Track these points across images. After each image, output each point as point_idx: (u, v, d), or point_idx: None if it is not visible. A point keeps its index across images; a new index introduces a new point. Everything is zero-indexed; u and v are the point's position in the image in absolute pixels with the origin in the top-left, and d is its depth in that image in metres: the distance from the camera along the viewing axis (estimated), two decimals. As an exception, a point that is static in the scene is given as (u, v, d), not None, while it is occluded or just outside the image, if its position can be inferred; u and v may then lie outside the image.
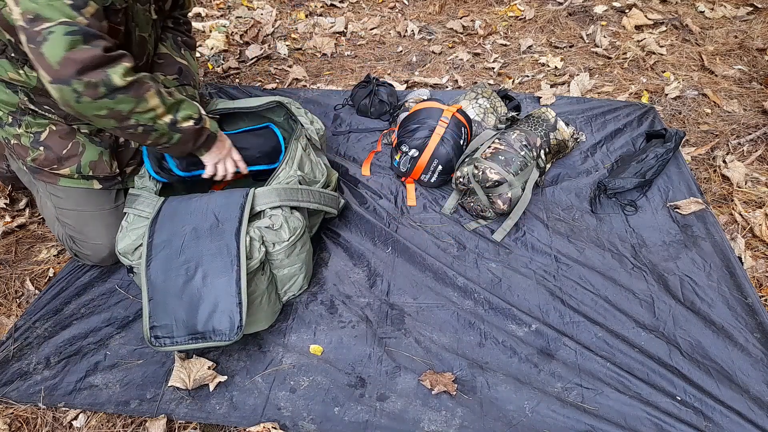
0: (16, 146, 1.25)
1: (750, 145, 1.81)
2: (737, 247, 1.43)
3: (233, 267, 1.06)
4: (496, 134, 1.56)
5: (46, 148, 1.24)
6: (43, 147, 1.23)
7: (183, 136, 1.13)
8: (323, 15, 2.80)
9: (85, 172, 1.27)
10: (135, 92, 1.01)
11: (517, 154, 1.46)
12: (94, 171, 1.29)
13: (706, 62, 2.25)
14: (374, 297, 1.33)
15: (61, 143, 1.25)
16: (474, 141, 1.59)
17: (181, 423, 1.09)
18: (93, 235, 1.33)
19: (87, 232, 1.33)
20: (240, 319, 1.04)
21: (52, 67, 0.93)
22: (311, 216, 1.39)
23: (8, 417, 1.10)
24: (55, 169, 1.25)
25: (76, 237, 1.34)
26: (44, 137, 1.23)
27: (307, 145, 1.39)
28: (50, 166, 1.25)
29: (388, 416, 1.08)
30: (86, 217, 1.32)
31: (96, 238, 1.33)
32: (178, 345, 1.04)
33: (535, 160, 1.49)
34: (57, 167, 1.25)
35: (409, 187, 1.66)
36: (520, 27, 2.64)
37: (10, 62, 1.14)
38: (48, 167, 1.25)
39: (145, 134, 1.08)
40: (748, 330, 1.22)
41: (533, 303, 1.30)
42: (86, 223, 1.32)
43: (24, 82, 1.17)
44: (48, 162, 1.25)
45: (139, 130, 1.06)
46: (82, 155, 1.27)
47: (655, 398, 1.09)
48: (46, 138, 1.23)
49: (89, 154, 1.27)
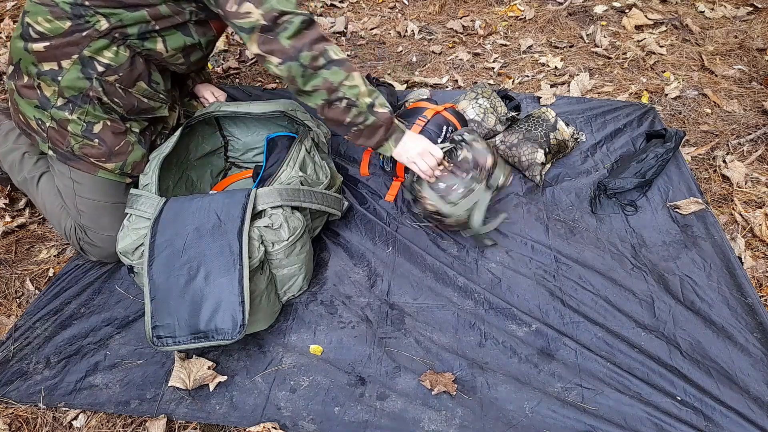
0: (51, 130, 1.25)
1: (750, 145, 1.81)
2: (737, 247, 1.43)
3: (235, 266, 1.06)
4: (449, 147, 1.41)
5: (100, 141, 1.27)
6: (97, 140, 1.27)
7: (377, 120, 1.25)
8: (323, 15, 2.80)
9: (126, 170, 1.32)
10: (346, 67, 1.18)
11: (461, 180, 1.34)
12: (134, 170, 1.33)
13: (706, 62, 2.26)
14: (374, 297, 1.33)
15: (114, 139, 1.28)
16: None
17: (181, 423, 1.09)
18: (107, 226, 1.34)
19: (102, 222, 1.33)
20: (242, 318, 1.04)
21: (286, 48, 1.12)
22: (314, 218, 1.39)
23: (8, 417, 1.10)
24: (102, 162, 1.28)
25: (90, 227, 1.34)
26: (98, 130, 1.26)
27: (312, 147, 1.39)
28: (99, 158, 1.28)
29: (388, 416, 1.08)
30: (105, 207, 1.33)
31: (110, 230, 1.34)
32: (180, 344, 1.04)
33: (484, 181, 1.35)
34: (104, 161, 1.29)
35: (394, 184, 1.66)
36: (520, 27, 2.64)
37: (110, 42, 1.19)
38: (96, 158, 1.28)
39: (347, 109, 1.21)
40: (748, 330, 1.22)
41: (533, 303, 1.30)
42: (103, 213, 1.33)
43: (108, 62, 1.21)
44: (98, 154, 1.28)
45: (343, 103, 1.20)
46: (130, 154, 1.31)
47: (655, 398, 1.09)
48: (100, 131, 1.26)
49: (135, 154, 1.32)
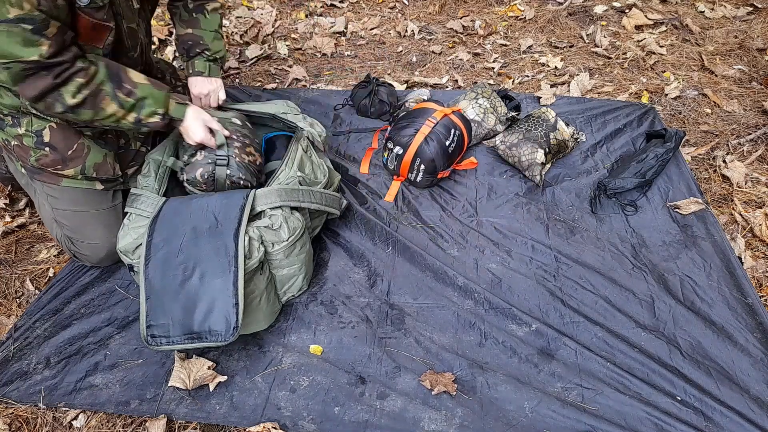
0: (16, 147, 1.25)
1: (750, 145, 1.81)
2: (737, 247, 1.43)
3: (231, 268, 1.06)
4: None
5: (51, 148, 1.24)
6: (48, 147, 1.24)
7: (151, 128, 1.22)
8: (323, 15, 2.80)
9: (89, 173, 1.28)
10: (90, 105, 1.10)
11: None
12: (98, 173, 1.29)
13: (706, 62, 2.25)
14: (374, 297, 1.33)
15: (66, 144, 1.25)
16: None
17: (181, 423, 1.09)
18: (91, 235, 1.33)
19: (85, 233, 1.33)
20: (236, 320, 1.04)
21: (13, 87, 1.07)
22: (313, 218, 1.39)
23: (8, 417, 1.10)
24: (59, 169, 1.25)
25: (74, 237, 1.34)
26: (48, 138, 1.23)
27: (308, 146, 1.39)
28: (54, 166, 1.25)
29: (388, 416, 1.08)
30: (84, 217, 1.32)
31: (94, 238, 1.33)
32: (174, 345, 1.04)
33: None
34: (61, 168, 1.25)
35: (394, 184, 1.66)
36: (520, 27, 2.64)
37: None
38: (52, 167, 1.25)
39: (117, 127, 1.21)
40: (748, 330, 1.22)
41: (533, 303, 1.30)
42: (84, 223, 1.32)
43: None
44: (53, 162, 1.25)
45: (110, 126, 1.18)
46: (87, 157, 1.27)
47: (655, 398, 1.09)
48: (50, 138, 1.23)
49: (94, 155, 1.28)
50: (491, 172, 1.72)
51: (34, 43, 0.97)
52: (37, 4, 0.96)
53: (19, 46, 0.96)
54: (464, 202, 1.61)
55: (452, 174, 1.70)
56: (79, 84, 1.06)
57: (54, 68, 1.02)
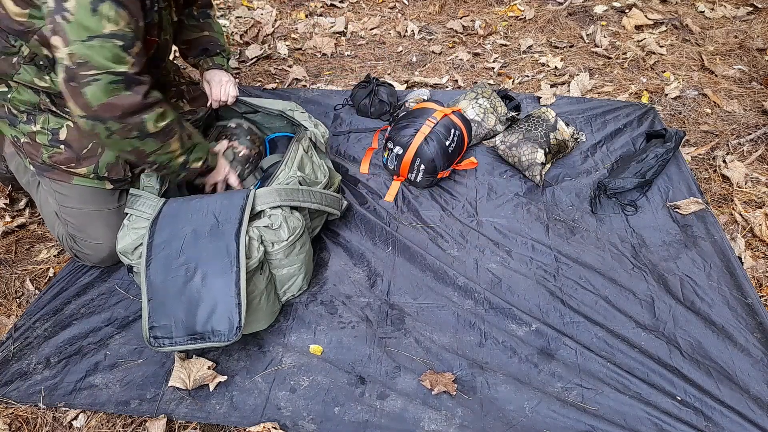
0: (26, 145, 1.25)
1: (750, 145, 1.81)
2: (737, 247, 1.43)
3: (232, 268, 1.06)
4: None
5: (66, 146, 1.24)
6: (63, 145, 1.24)
7: (188, 174, 1.26)
8: (323, 15, 2.80)
9: (101, 173, 1.29)
10: (162, 138, 1.11)
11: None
12: (110, 173, 1.30)
13: (706, 62, 2.26)
14: (374, 297, 1.33)
15: (82, 143, 1.25)
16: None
17: (181, 423, 1.09)
18: (94, 235, 1.33)
19: (89, 231, 1.33)
20: (239, 320, 1.04)
21: (90, 106, 0.99)
22: (313, 218, 1.39)
23: (8, 417, 1.10)
24: (72, 167, 1.26)
25: (77, 236, 1.34)
26: (64, 136, 1.24)
27: (309, 147, 1.39)
28: (68, 164, 1.26)
29: (388, 416, 1.08)
30: (90, 215, 1.32)
31: (97, 238, 1.33)
32: (177, 345, 1.04)
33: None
34: (75, 166, 1.26)
35: (394, 184, 1.66)
36: (520, 27, 2.64)
37: (38, 68, 1.16)
38: (65, 165, 1.26)
39: (157, 170, 1.20)
40: (748, 330, 1.22)
41: (533, 303, 1.30)
42: (89, 222, 1.32)
43: (47, 88, 1.18)
44: (66, 160, 1.25)
45: (153, 166, 1.17)
46: (101, 156, 1.28)
47: (655, 398, 1.09)
48: (66, 136, 1.24)
49: (108, 156, 1.29)
50: (491, 172, 1.72)
51: (122, 60, 0.99)
52: (129, 22, 0.99)
53: (108, 61, 0.98)
54: (464, 202, 1.61)
55: (452, 174, 1.70)
56: (158, 113, 1.08)
57: (138, 87, 1.03)
